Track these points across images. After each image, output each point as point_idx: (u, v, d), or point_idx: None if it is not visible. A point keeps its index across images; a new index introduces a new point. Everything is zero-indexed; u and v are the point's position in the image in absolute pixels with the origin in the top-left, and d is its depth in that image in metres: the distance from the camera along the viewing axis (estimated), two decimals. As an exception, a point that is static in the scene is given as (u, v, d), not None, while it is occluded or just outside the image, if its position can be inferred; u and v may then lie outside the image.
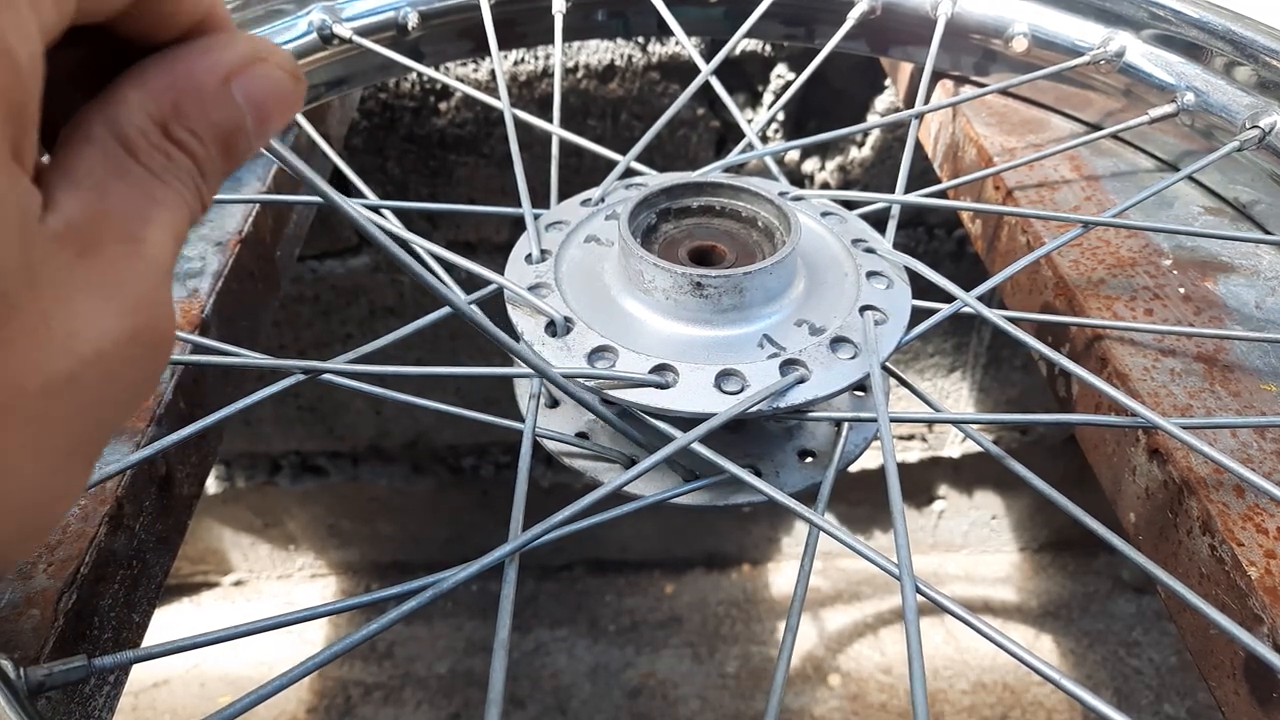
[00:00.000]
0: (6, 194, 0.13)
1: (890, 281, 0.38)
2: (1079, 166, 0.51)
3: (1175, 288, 0.42)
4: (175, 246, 0.16)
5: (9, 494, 0.14)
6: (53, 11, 0.14)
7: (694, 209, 0.39)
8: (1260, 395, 0.37)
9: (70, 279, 0.14)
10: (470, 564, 0.28)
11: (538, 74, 0.91)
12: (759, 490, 0.32)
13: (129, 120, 0.16)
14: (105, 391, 0.15)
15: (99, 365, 0.15)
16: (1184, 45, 0.49)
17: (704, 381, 0.33)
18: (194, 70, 0.16)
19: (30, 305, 0.13)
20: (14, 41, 0.13)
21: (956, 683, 1.27)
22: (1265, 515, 0.32)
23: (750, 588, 1.39)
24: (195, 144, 0.16)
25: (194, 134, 0.16)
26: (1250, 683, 0.29)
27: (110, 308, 0.15)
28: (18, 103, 0.13)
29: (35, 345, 0.14)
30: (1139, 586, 1.39)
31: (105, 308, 0.15)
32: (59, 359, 0.14)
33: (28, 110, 0.13)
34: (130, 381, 0.15)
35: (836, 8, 0.57)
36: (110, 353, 0.15)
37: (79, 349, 0.14)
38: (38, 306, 0.14)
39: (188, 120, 0.16)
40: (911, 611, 0.25)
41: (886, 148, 1.01)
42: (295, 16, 0.54)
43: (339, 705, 1.25)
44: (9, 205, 0.13)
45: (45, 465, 0.14)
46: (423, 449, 1.26)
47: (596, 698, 1.25)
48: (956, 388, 1.26)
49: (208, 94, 0.16)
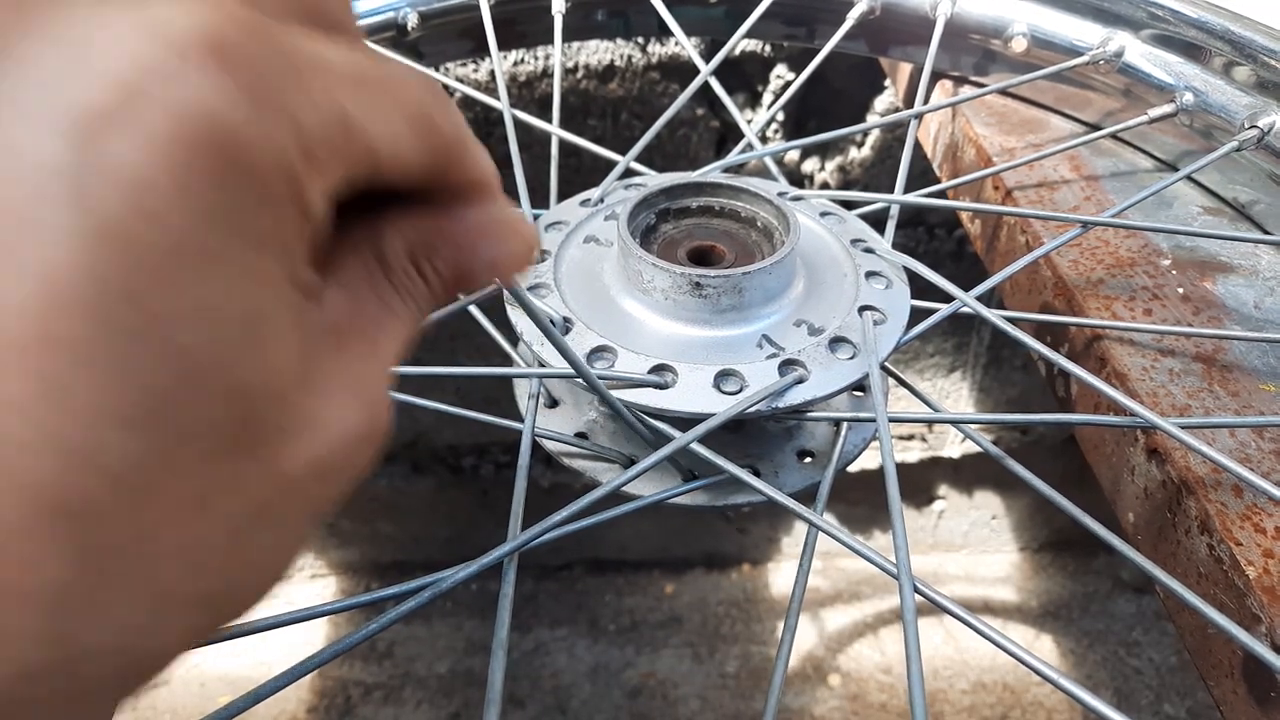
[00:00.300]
0: (299, 304, 0.15)
1: (889, 281, 0.38)
2: (1078, 166, 0.51)
3: (1174, 288, 0.43)
4: (399, 356, 0.18)
5: (263, 568, 0.16)
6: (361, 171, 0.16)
7: (693, 209, 0.39)
8: (1259, 395, 0.37)
9: (329, 370, 0.16)
10: (469, 563, 0.28)
11: (537, 74, 0.91)
12: (758, 490, 0.32)
13: (391, 244, 0.18)
14: (339, 479, 0.17)
15: (342, 454, 0.16)
16: (1183, 45, 0.49)
17: (703, 381, 0.33)
18: (454, 222, 0.19)
19: (301, 396, 0.15)
20: (315, 197, 0.15)
21: (956, 683, 1.27)
22: (1263, 515, 0.32)
23: (750, 588, 1.39)
24: (435, 277, 0.19)
25: (436, 270, 0.19)
26: (1248, 682, 0.29)
27: (354, 401, 0.17)
28: (313, 232, 0.15)
29: (300, 433, 0.15)
30: (1139, 586, 1.39)
31: (351, 401, 0.16)
32: (316, 447, 0.16)
33: (316, 240, 0.16)
34: (355, 470, 0.17)
35: (836, 8, 0.57)
36: (350, 443, 0.16)
37: (332, 438, 0.16)
38: (306, 396, 0.15)
39: (436, 259, 0.19)
40: (910, 612, 0.25)
41: (886, 148, 1.01)
42: (295, 17, 0.54)
43: (339, 705, 1.25)
44: (300, 312, 0.15)
45: (286, 551, 0.16)
46: (422, 449, 1.26)
47: (596, 697, 1.25)
48: (956, 388, 1.26)
49: (459, 244, 0.19)
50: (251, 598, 0.16)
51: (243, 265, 0.14)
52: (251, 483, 0.15)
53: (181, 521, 0.14)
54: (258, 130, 0.13)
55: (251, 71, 0.13)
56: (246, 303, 0.14)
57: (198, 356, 0.13)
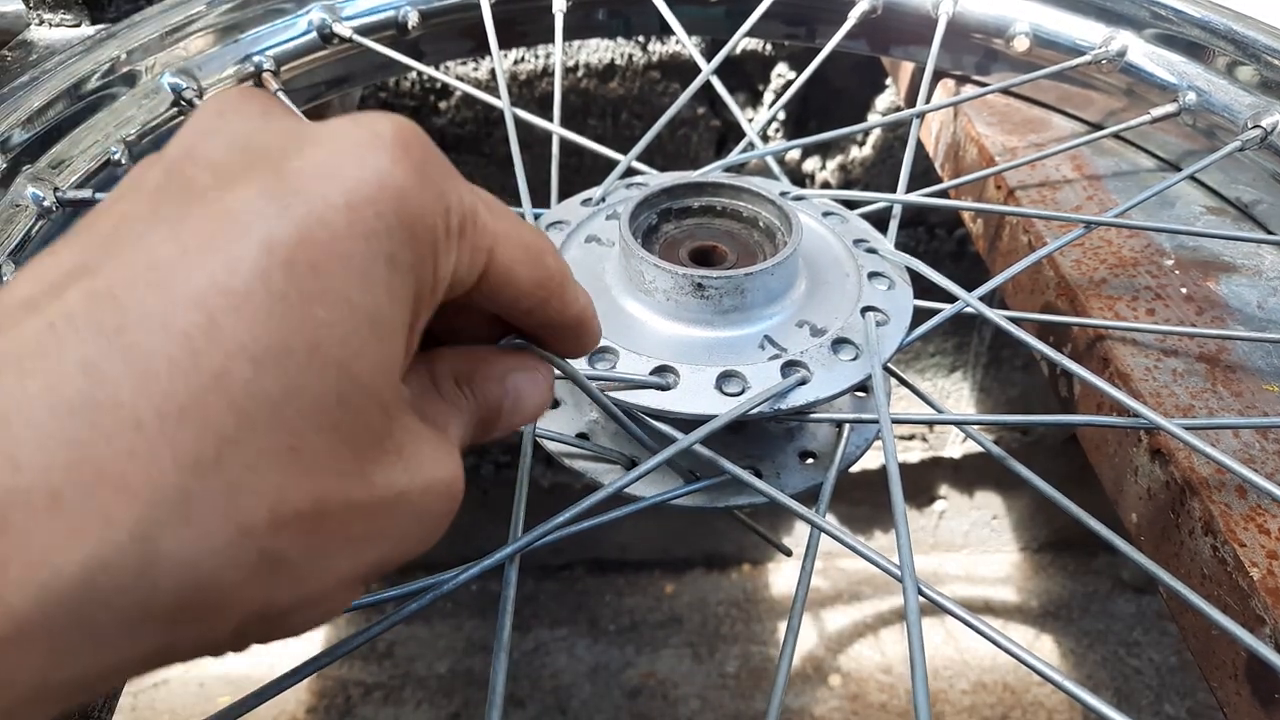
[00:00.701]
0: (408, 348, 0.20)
1: (892, 282, 0.38)
2: (1081, 166, 0.51)
3: (1177, 288, 0.42)
4: (463, 449, 0.23)
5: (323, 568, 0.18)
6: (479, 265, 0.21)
7: (695, 209, 0.39)
8: (1263, 395, 0.37)
9: (414, 430, 0.20)
10: (471, 565, 0.28)
11: (538, 73, 0.91)
12: (760, 491, 0.31)
13: (439, 369, 0.23)
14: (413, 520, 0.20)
15: (421, 496, 0.20)
16: (1186, 45, 0.49)
17: (705, 383, 0.33)
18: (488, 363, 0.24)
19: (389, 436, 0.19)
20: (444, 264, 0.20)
21: (957, 683, 1.27)
22: (1268, 516, 0.32)
23: (750, 588, 1.39)
24: (471, 398, 0.24)
25: (472, 393, 0.24)
26: (1252, 683, 0.29)
27: (435, 457, 0.20)
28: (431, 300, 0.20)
29: (395, 462, 0.19)
30: (1139, 586, 1.39)
31: (433, 456, 0.20)
32: (405, 479, 0.19)
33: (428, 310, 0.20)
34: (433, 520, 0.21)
35: (837, 7, 0.57)
36: (431, 490, 0.20)
37: (417, 479, 0.20)
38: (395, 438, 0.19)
39: (472, 385, 0.24)
40: (914, 613, 0.25)
41: (887, 147, 1.01)
42: (295, 15, 0.54)
43: (339, 705, 1.25)
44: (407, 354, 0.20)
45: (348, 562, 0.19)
46: (423, 448, 1.26)
47: (596, 697, 1.25)
48: (957, 388, 1.26)
49: (490, 377, 0.24)
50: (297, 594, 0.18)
51: (386, 287, 0.18)
52: (349, 479, 0.18)
53: (278, 480, 0.17)
54: (418, 198, 0.19)
55: (422, 161, 0.19)
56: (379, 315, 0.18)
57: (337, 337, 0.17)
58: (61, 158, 0.44)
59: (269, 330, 0.16)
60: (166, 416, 0.15)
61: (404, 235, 0.18)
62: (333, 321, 0.17)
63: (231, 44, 0.52)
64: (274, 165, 0.18)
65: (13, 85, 0.44)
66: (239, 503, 0.16)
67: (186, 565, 0.16)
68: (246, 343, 0.16)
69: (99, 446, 0.15)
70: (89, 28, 0.62)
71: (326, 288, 0.17)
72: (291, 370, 0.16)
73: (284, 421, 0.16)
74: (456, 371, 0.24)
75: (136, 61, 0.48)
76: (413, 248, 0.19)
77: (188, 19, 0.50)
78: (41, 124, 0.44)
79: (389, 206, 0.18)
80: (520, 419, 0.25)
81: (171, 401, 0.15)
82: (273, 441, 0.16)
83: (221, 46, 0.52)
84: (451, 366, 0.23)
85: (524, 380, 0.25)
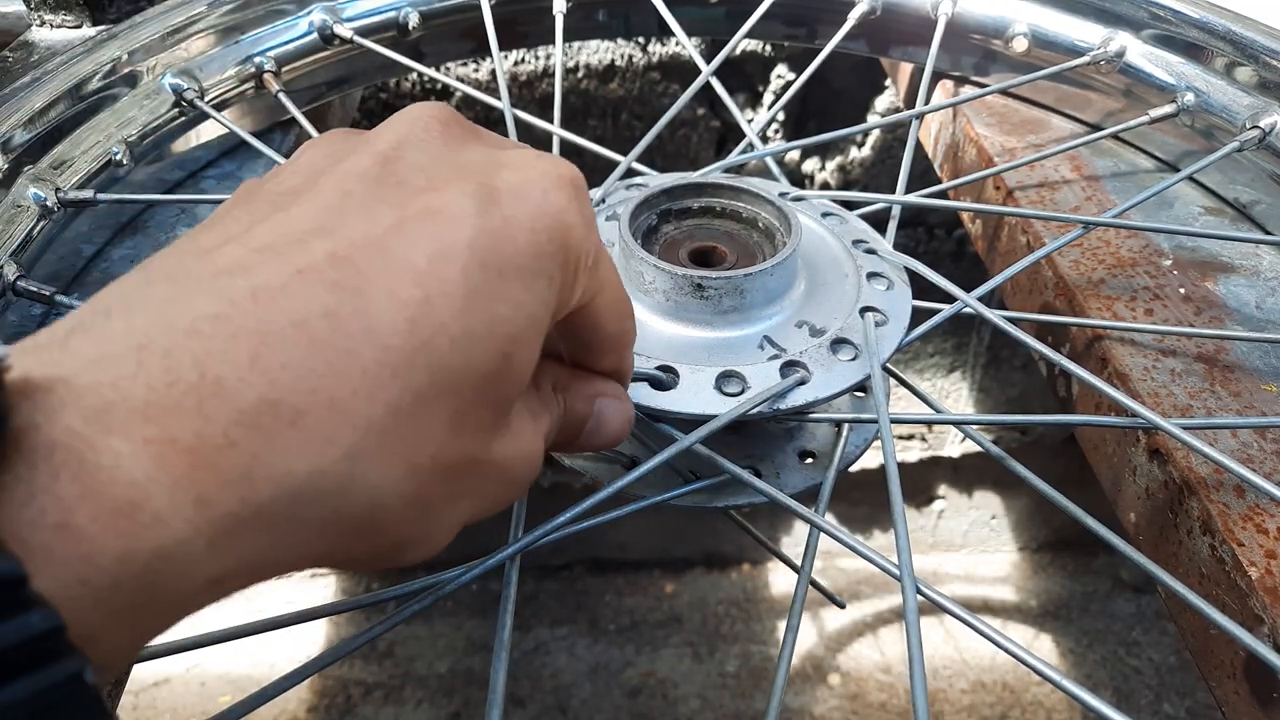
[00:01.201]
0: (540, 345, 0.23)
1: (891, 282, 0.38)
2: (1079, 167, 0.51)
3: (1175, 288, 0.43)
4: (545, 443, 0.26)
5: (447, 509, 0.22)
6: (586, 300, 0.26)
7: (694, 210, 0.39)
8: (1261, 395, 0.37)
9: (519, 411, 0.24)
10: (471, 565, 0.28)
11: (538, 74, 0.91)
12: (759, 491, 0.32)
13: (543, 372, 0.27)
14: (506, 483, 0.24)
15: (514, 464, 0.24)
16: (1184, 45, 0.49)
17: (704, 383, 0.33)
18: (583, 381, 0.28)
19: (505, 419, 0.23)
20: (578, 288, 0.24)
21: (956, 682, 1.27)
22: (1266, 515, 0.32)
23: (750, 587, 1.39)
24: (561, 406, 0.27)
25: (564, 402, 0.27)
26: (1251, 683, 0.29)
27: (528, 436, 0.24)
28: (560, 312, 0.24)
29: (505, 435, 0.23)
30: (1139, 586, 1.39)
31: (527, 434, 0.24)
32: (509, 449, 0.23)
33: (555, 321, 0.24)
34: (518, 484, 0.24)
35: (837, 8, 0.57)
36: (522, 461, 0.24)
37: (515, 450, 0.24)
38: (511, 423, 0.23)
39: (565, 394, 0.27)
40: (913, 613, 0.25)
41: (887, 148, 1.01)
42: (296, 16, 0.54)
43: (339, 704, 1.25)
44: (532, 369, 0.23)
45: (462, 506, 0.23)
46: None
47: (596, 697, 1.25)
48: (956, 388, 1.26)
49: (581, 394, 0.28)
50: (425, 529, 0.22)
51: (542, 298, 0.22)
52: (483, 442, 0.22)
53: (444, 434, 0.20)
54: (578, 233, 0.23)
55: (584, 205, 0.23)
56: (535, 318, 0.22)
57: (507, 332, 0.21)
58: (63, 158, 0.44)
59: (465, 315, 0.20)
60: (384, 367, 0.19)
61: (562, 260, 0.22)
62: (507, 318, 0.21)
63: (232, 45, 0.52)
64: (478, 180, 0.22)
65: (14, 86, 0.44)
66: (416, 446, 0.20)
67: (372, 487, 0.19)
68: (448, 322, 0.20)
69: (333, 381, 0.18)
70: (90, 29, 0.62)
71: (507, 289, 0.21)
72: (473, 350, 0.20)
73: (459, 389, 0.20)
74: (556, 379, 0.27)
75: (138, 62, 0.48)
76: (564, 271, 0.23)
77: (189, 20, 0.50)
78: (43, 124, 0.44)
79: (559, 235, 0.22)
80: (599, 441, 0.28)
81: (389, 356, 0.19)
82: (449, 403, 0.20)
83: (223, 47, 0.52)
84: (553, 374, 0.27)
85: (610, 406, 0.28)
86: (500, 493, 0.24)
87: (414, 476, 0.20)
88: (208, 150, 0.53)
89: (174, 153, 0.50)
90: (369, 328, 0.19)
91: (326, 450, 0.18)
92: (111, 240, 0.47)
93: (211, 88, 0.51)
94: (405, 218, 0.20)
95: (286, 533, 0.18)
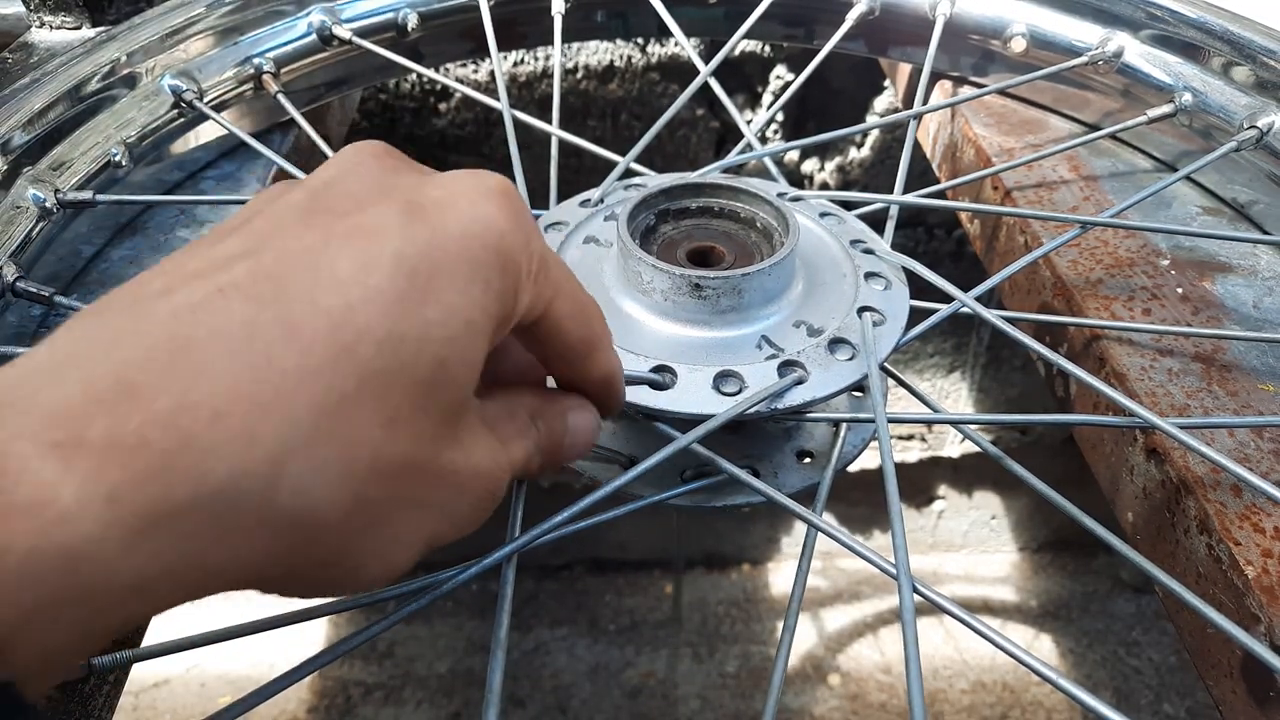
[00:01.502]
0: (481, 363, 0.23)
1: (889, 282, 0.38)
2: (1077, 167, 0.51)
3: (1173, 288, 0.43)
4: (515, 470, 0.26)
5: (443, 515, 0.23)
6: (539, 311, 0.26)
7: (693, 210, 0.39)
8: (1258, 395, 0.37)
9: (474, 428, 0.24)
10: (469, 564, 0.28)
11: (537, 75, 0.92)
12: (758, 491, 0.32)
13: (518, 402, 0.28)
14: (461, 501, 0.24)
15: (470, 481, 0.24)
16: (1182, 45, 0.49)
17: (702, 382, 0.33)
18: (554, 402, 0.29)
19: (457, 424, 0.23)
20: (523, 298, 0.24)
21: (956, 683, 1.27)
22: (1262, 514, 0.32)
23: (750, 587, 1.39)
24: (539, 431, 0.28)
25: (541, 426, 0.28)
26: (1248, 681, 0.30)
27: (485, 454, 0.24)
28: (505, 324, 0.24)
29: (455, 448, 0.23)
30: (1138, 586, 1.39)
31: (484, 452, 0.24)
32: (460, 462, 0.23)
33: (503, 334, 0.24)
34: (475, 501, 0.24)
35: (835, 8, 0.57)
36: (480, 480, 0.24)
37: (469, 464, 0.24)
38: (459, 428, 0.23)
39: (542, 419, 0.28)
40: (909, 613, 0.25)
41: (885, 148, 1.01)
42: (295, 17, 0.54)
43: (339, 705, 1.25)
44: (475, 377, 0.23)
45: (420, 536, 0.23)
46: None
47: (596, 697, 1.25)
48: (955, 388, 1.26)
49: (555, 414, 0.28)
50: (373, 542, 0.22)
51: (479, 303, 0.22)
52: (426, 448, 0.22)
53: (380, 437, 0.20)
54: (512, 240, 0.23)
55: (517, 213, 0.23)
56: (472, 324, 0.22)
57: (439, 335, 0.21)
58: (62, 159, 0.45)
59: (391, 319, 0.20)
60: (305, 370, 0.19)
61: (498, 266, 0.23)
62: (438, 321, 0.21)
63: (231, 46, 0.52)
64: (405, 197, 0.22)
65: (13, 87, 0.45)
66: (349, 448, 0.20)
67: (300, 490, 0.19)
68: (373, 327, 0.20)
69: (253, 383, 0.18)
70: (89, 30, 0.62)
71: (437, 295, 0.21)
72: (402, 354, 0.20)
73: (390, 392, 0.20)
74: (531, 407, 0.28)
75: (137, 64, 0.48)
76: (502, 277, 0.23)
77: (188, 21, 0.50)
78: (42, 126, 0.44)
79: (491, 242, 0.22)
80: (576, 452, 0.29)
81: (310, 359, 0.19)
82: (380, 406, 0.20)
83: (221, 49, 0.52)
84: (528, 403, 0.28)
85: (579, 418, 0.29)
86: (456, 507, 0.24)
87: (350, 479, 0.20)
88: (207, 151, 0.53)
89: (173, 154, 0.51)
90: (289, 335, 0.19)
91: (249, 450, 0.18)
92: (111, 241, 0.47)
93: (210, 89, 0.51)
94: (331, 236, 0.21)
95: (212, 536, 0.18)
